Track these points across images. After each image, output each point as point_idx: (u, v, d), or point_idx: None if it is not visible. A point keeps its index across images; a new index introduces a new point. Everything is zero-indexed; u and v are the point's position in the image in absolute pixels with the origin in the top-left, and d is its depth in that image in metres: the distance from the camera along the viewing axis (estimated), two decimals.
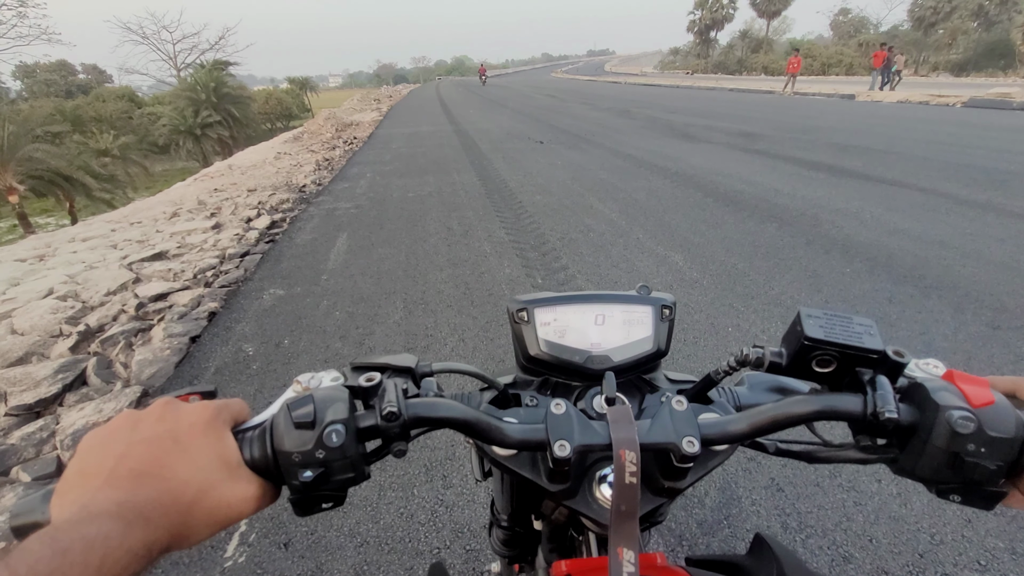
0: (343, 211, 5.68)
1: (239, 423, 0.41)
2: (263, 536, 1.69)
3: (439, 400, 0.43)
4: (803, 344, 0.40)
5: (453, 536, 1.67)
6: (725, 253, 3.88)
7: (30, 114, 20.95)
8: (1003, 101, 13.20)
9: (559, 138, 10.44)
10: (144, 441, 0.35)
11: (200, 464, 0.35)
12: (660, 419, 0.42)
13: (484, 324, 3.00)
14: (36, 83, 47.10)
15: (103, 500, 0.31)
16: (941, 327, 2.74)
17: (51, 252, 4.82)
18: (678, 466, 0.41)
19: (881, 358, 0.40)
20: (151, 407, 0.38)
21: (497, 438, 0.42)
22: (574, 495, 0.46)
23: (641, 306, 0.56)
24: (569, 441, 0.40)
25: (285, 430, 0.38)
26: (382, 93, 40.67)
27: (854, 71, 42.85)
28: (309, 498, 0.39)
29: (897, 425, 0.38)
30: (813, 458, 0.47)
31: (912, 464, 0.39)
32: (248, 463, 0.38)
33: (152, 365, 2.76)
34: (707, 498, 1.76)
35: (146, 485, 0.32)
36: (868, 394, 0.39)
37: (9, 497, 1.91)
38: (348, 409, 0.39)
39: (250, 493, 0.37)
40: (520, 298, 0.56)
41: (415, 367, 0.48)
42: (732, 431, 0.42)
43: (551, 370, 0.56)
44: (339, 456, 0.38)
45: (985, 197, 5.03)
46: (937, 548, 1.55)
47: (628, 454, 0.39)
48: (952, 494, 0.38)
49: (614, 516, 0.39)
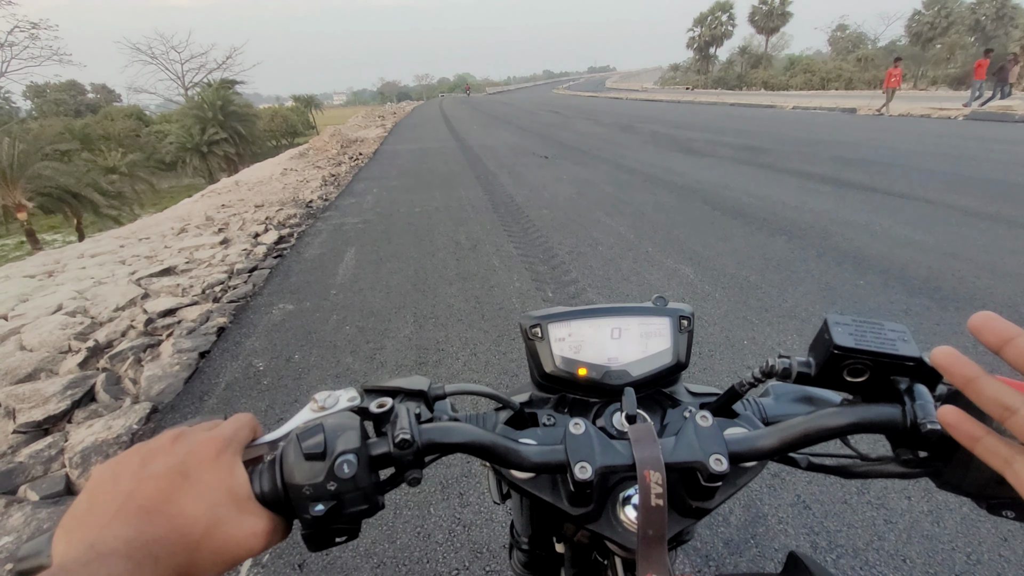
0: (351, 226, 5.69)
1: (251, 441, 0.40)
2: (277, 557, 1.65)
3: (453, 424, 0.42)
4: (833, 353, 0.38)
5: (472, 557, 1.62)
6: (736, 266, 3.85)
7: (40, 133, 21.22)
8: (1005, 114, 13.26)
9: (564, 153, 10.50)
10: (152, 477, 0.34)
11: (209, 499, 0.34)
12: (685, 436, 0.40)
13: (496, 338, 2.97)
14: (46, 102, 47.84)
15: (111, 538, 0.30)
16: (961, 339, 2.70)
17: (60, 268, 4.83)
18: (706, 485, 0.39)
19: (917, 365, 0.38)
20: (160, 439, 0.37)
21: (515, 461, 0.41)
22: (597, 518, 0.44)
23: (658, 318, 0.54)
24: (590, 463, 0.38)
25: (295, 462, 0.36)
26: (386, 110, 41.21)
27: (853, 85, 43.22)
28: (321, 532, 0.37)
29: (940, 436, 0.35)
30: (849, 473, 0.45)
31: (958, 478, 0.36)
32: (258, 497, 0.36)
33: (161, 381, 2.74)
34: (732, 516, 1.71)
35: (154, 522, 0.32)
36: (906, 404, 0.37)
37: (17, 517, 1.87)
38: (360, 437, 0.38)
39: (259, 528, 0.35)
40: (533, 314, 0.54)
41: (428, 390, 0.47)
42: (762, 447, 0.40)
43: (568, 387, 0.54)
44: (351, 488, 0.36)
45: (994, 209, 5.01)
46: (974, 568, 1.49)
47: (653, 475, 0.37)
48: (1005, 510, 0.35)
49: (641, 541, 0.37)
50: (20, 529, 1.81)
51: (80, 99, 52.61)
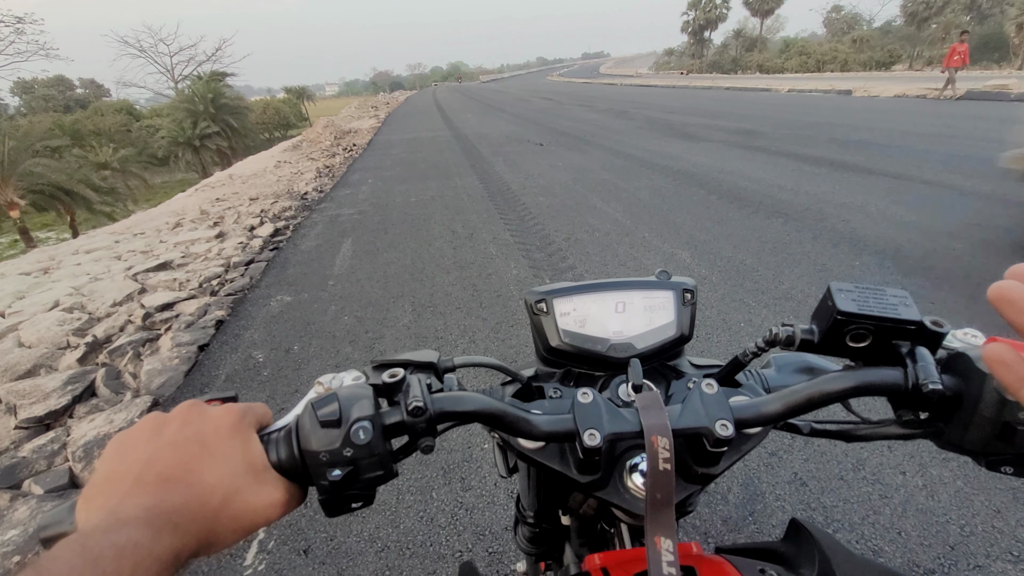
0: (346, 217, 5.67)
1: (263, 427, 0.40)
2: (282, 543, 1.67)
3: (465, 394, 0.42)
4: (836, 319, 0.38)
5: (475, 538, 1.64)
6: (732, 249, 3.86)
7: (29, 129, 20.97)
8: (1000, 93, 13.24)
9: (559, 140, 10.45)
10: (170, 445, 0.34)
11: (227, 468, 0.34)
12: (691, 403, 0.41)
13: (494, 325, 2.98)
14: (35, 98, 47.29)
15: (131, 506, 0.30)
16: (956, 317, 2.72)
17: (55, 265, 4.81)
18: (712, 451, 0.40)
19: (919, 329, 0.38)
20: (176, 410, 0.38)
21: (525, 430, 0.41)
22: (605, 486, 0.45)
23: (662, 291, 0.54)
24: (599, 430, 0.39)
25: (311, 429, 0.37)
26: (379, 100, 40.83)
27: (848, 67, 42.97)
28: (338, 498, 0.38)
29: (942, 396, 0.37)
30: (852, 436, 0.46)
31: (959, 437, 0.37)
32: (275, 465, 0.37)
33: (161, 375, 2.74)
34: (730, 494, 1.73)
35: (173, 490, 0.32)
36: (908, 367, 0.38)
37: (23, 511, 1.88)
38: (373, 406, 0.38)
39: (277, 496, 0.36)
40: (538, 289, 0.55)
41: (437, 362, 0.47)
42: (766, 412, 0.41)
43: (573, 361, 0.55)
44: (367, 453, 0.37)
45: (989, 188, 5.01)
46: (968, 539, 1.52)
47: (660, 440, 0.37)
48: (1004, 466, 0.37)
49: (649, 505, 0.38)
50: (26, 523, 1.83)
51: (69, 94, 52.02)
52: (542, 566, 0.88)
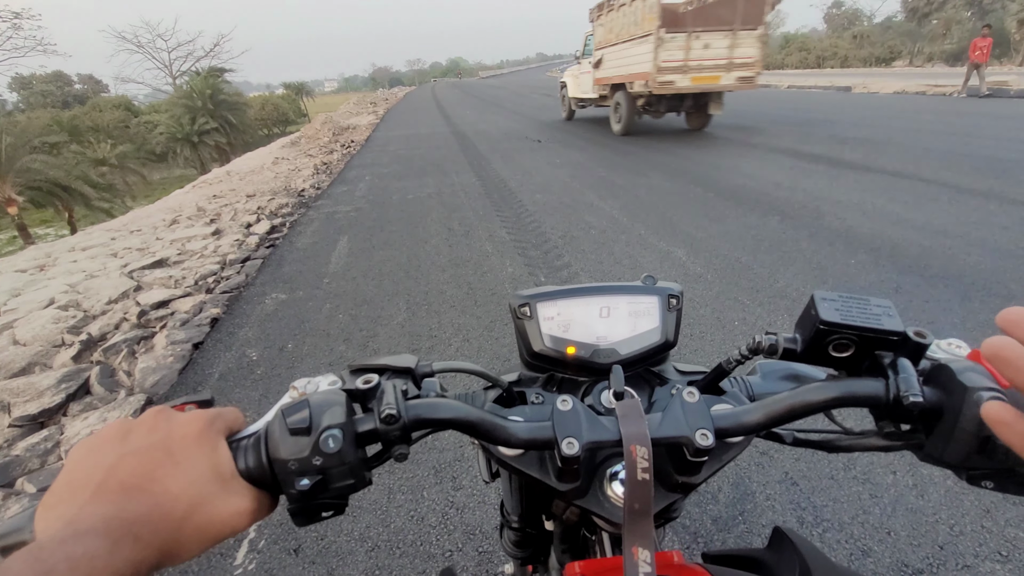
0: (343, 214, 5.66)
1: (234, 432, 0.39)
2: (273, 543, 1.67)
3: (440, 400, 0.42)
4: (819, 328, 0.38)
5: (465, 538, 1.64)
6: (728, 247, 3.86)
7: (27, 125, 20.95)
8: (1001, 89, 13.19)
9: (556, 137, 10.42)
10: (135, 452, 0.33)
11: (192, 477, 0.33)
12: (671, 412, 0.40)
13: (488, 324, 2.98)
14: (32, 94, 47.15)
15: (89, 516, 0.29)
16: (949, 315, 2.72)
17: (51, 262, 4.80)
18: (692, 460, 0.40)
19: (902, 340, 0.38)
20: (144, 416, 0.37)
21: (502, 438, 0.41)
22: (585, 494, 0.44)
23: (647, 296, 0.54)
24: (577, 438, 0.38)
25: (280, 437, 0.36)
26: (378, 96, 40.72)
27: (849, 63, 42.83)
28: (308, 507, 0.37)
29: (922, 409, 0.36)
30: (834, 447, 0.45)
31: (939, 450, 0.37)
32: (243, 473, 0.36)
33: (156, 373, 2.74)
34: (721, 494, 1.74)
35: (135, 499, 0.31)
36: (890, 378, 0.38)
37: (15, 509, 1.89)
38: (345, 413, 0.37)
39: (244, 506, 0.35)
40: (522, 293, 0.54)
41: (415, 367, 0.46)
42: (747, 422, 0.40)
43: (556, 366, 0.54)
44: (337, 462, 0.36)
45: (987, 186, 5.00)
46: (957, 539, 1.53)
47: (639, 449, 0.37)
48: (985, 480, 0.36)
49: (627, 515, 0.37)
50: None
51: (67, 90, 51.84)
52: (529, 569, 0.87)
